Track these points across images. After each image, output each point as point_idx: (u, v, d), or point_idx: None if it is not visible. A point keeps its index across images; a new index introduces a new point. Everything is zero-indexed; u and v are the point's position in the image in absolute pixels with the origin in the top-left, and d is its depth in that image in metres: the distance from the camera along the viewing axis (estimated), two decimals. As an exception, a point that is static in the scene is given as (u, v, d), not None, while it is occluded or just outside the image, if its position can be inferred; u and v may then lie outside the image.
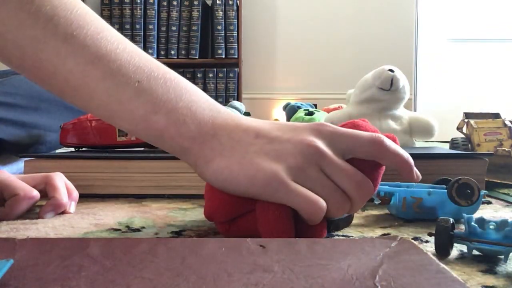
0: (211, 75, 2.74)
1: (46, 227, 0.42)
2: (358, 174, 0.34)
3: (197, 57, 2.72)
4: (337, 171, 0.34)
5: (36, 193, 0.46)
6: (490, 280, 0.30)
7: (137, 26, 2.68)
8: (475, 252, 0.34)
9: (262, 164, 0.33)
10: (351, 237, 0.39)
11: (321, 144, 0.34)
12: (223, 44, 2.72)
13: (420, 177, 0.37)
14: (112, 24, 2.04)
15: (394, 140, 0.37)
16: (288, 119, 1.29)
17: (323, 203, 0.33)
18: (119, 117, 0.36)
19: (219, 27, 2.71)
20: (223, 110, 0.37)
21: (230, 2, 2.72)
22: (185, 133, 0.35)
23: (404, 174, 0.36)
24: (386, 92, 0.84)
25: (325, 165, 0.34)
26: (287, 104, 1.39)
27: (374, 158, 0.35)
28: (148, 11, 2.71)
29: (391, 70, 0.84)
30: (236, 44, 2.72)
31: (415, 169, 0.36)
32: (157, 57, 2.67)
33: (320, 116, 1.10)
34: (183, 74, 2.88)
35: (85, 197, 0.55)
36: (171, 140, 0.35)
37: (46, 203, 0.47)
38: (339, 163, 0.34)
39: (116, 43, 0.36)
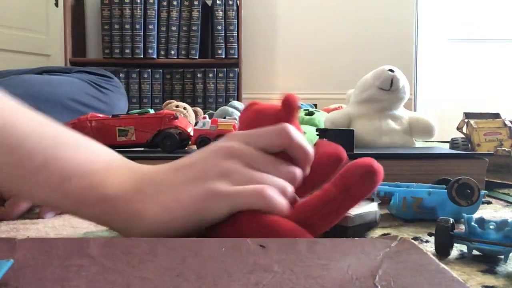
0: (211, 75, 2.74)
1: (46, 227, 0.42)
2: (277, 159, 0.35)
3: (197, 57, 2.72)
4: (258, 161, 0.34)
5: (36, 193, 0.46)
6: (490, 280, 0.30)
7: (137, 26, 2.68)
8: (475, 252, 0.34)
9: (192, 190, 0.32)
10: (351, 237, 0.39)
11: (234, 144, 0.34)
12: (223, 44, 2.71)
13: (307, 173, 0.37)
14: (112, 24, 2.03)
15: (298, 127, 0.38)
16: (288, 119, 1.29)
17: (264, 186, 0.32)
18: (33, 189, 0.33)
19: (219, 27, 2.71)
20: (139, 164, 0.36)
21: (230, 2, 2.72)
22: (106, 195, 0.33)
23: (301, 166, 0.36)
24: (386, 92, 0.84)
25: (246, 160, 0.34)
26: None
27: (283, 148, 0.35)
28: (148, 11, 2.70)
29: (391, 70, 0.85)
30: (236, 44, 2.72)
31: (309, 166, 0.36)
32: (157, 57, 2.68)
33: (320, 116, 1.10)
34: (183, 74, 2.87)
35: (85, 197, 0.55)
36: (92, 206, 0.33)
37: (46, 203, 0.46)
38: (257, 153, 0.34)
39: (15, 116, 0.33)
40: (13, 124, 0.33)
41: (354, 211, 0.39)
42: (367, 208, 0.41)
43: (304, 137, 0.36)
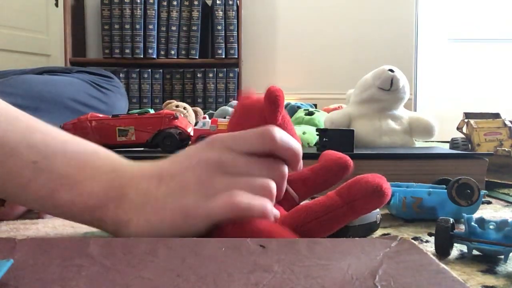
0: (211, 75, 2.74)
1: (46, 227, 0.42)
2: (260, 160, 0.34)
3: (197, 57, 2.72)
4: (240, 166, 0.34)
5: (36, 193, 0.46)
6: (490, 280, 0.30)
7: (137, 26, 2.68)
8: (475, 252, 0.34)
9: (173, 205, 0.32)
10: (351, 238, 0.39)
11: (216, 155, 0.34)
12: (223, 44, 2.71)
13: (300, 169, 0.36)
14: (112, 24, 2.03)
15: (284, 125, 0.37)
16: (288, 119, 1.29)
17: (237, 193, 0.32)
18: (25, 199, 0.35)
19: (219, 27, 2.71)
20: (125, 163, 0.37)
21: (230, 2, 2.72)
22: (94, 204, 0.34)
23: (290, 166, 0.36)
24: (386, 92, 0.84)
25: (227, 169, 0.33)
26: (287, 104, 1.39)
27: (269, 151, 0.34)
28: (148, 11, 2.70)
29: (391, 70, 0.85)
30: (236, 44, 2.72)
31: (301, 161, 0.36)
32: (157, 57, 2.68)
33: (320, 116, 1.10)
34: (183, 74, 2.87)
35: (85, 197, 0.55)
36: (82, 214, 0.34)
37: (46, 203, 0.46)
38: (238, 159, 0.34)
39: (5, 124, 0.34)
40: (3, 134, 0.33)
41: None
42: None
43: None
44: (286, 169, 0.35)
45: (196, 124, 1.05)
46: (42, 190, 0.34)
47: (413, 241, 0.29)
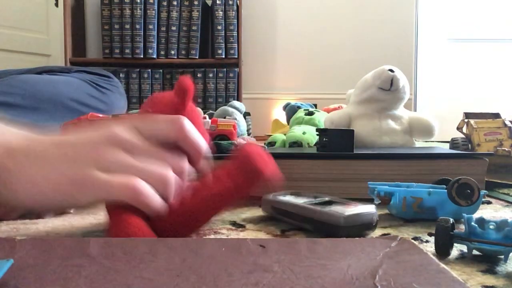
0: (211, 75, 2.74)
1: (46, 227, 0.42)
2: (163, 149, 0.33)
3: (197, 57, 2.72)
4: (141, 149, 0.33)
5: (36, 193, 0.46)
6: (490, 280, 0.30)
7: (137, 26, 2.68)
8: (475, 252, 0.34)
9: (63, 171, 0.31)
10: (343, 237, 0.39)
11: (121, 131, 0.33)
12: (223, 44, 2.71)
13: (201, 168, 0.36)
14: (112, 24, 2.03)
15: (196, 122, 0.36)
16: (288, 119, 1.29)
17: (136, 180, 0.31)
18: None
19: (219, 27, 2.71)
20: (9, 132, 0.35)
21: (230, 2, 2.72)
22: None
23: (192, 161, 0.35)
24: (386, 92, 0.84)
25: (126, 147, 0.32)
26: (287, 104, 1.39)
27: (174, 140, 0.34)
28: (148, 11, 2.70)
29: (391, 70, 0.84)
30: (236, 44, 2.72)
31: (202, 161, 0.36)
32: (157, 57, 2.68)
33: (320, 116, 1.10)
34: (183, 74, 2.87)
35: (85, 197, 0.55)
36: None
37: (46, 203, 0.46)
38: (141, 141, 0.33)
39: None
40: None
41: (348, 211, 0.39)
42: (363, 209, 0.40)
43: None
44: (187, 164, 0.35)
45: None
46: None
47: (413, 241, 0.29)
